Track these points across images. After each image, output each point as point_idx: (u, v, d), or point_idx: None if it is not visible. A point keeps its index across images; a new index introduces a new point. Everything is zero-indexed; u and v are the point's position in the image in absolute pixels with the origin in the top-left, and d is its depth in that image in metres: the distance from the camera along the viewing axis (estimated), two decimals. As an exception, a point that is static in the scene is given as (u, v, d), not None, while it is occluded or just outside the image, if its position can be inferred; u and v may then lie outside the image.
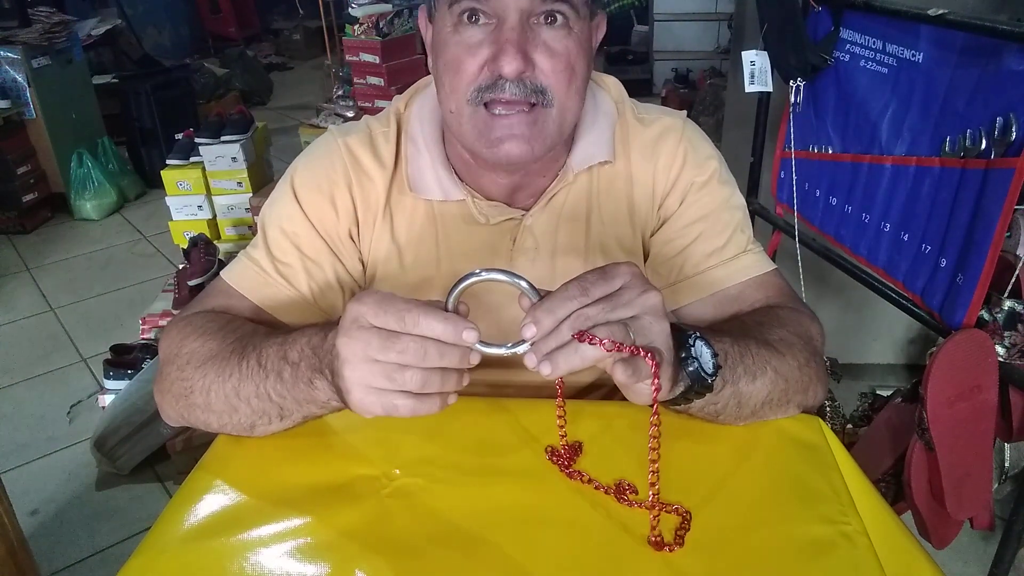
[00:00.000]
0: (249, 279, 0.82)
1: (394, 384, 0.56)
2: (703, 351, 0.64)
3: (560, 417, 0.68)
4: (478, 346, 0.57)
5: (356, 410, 0.60)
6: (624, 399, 0.63)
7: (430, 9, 0.76)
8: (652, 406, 0.58)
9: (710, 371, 0.63)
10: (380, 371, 0.56)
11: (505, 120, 0.72)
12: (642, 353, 0.56)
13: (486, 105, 0.72)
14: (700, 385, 0.64)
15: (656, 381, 0.57)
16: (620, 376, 0.57)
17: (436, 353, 0.56)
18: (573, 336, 0.55)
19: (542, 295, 0.57)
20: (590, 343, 0.54)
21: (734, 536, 0.61)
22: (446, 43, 0.72)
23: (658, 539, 0.60)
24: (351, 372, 0.58)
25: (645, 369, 0.56)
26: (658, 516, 0.60)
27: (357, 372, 0.57)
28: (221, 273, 0.85)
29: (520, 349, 0.57)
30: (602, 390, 0.90)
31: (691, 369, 0.63)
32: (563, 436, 0.69)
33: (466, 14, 0.70)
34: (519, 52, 0.69)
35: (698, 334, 0.64)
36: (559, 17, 0.70)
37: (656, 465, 0.59)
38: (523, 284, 0.57)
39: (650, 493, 0.60)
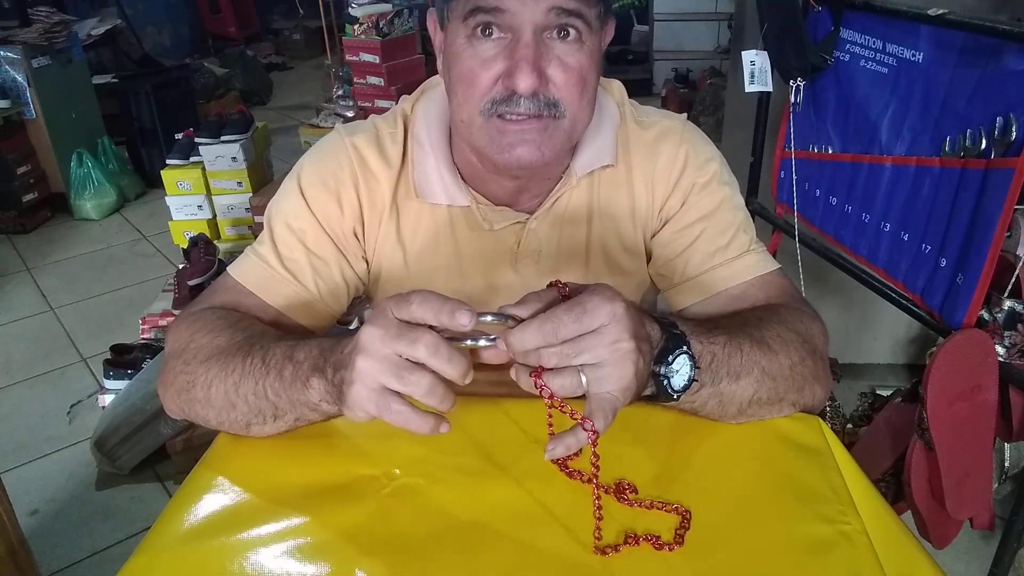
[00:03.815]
0: (256, 275, 0.82)
1: (401, 382, 0.56)
2: (682, 367, 0.64)
3: (548, 418, 0.68)
4: (468, 341, 0.57)
5: (349, 405, 0.60)
6: None
7: (442, 18, 0.75)
8: (592, 477, 0.59)
9: (678, 389, 0.64)
10: (391, 367, 0.56)
11: (516, 126, 0.72)
12: (579, 420, 0.56)
13: (499, 115, 0.72)
14: (664, 397, 0.65)
15: (594, 446, 0.57)
16: (552, 456, 0.57)
17: (446, 351, 0.55)
18: (531, 374, 0.56)
19: (516, 318, 0.57)
20: (540, 392, 0.56)
21: (734, 536, 0.61)
22: (460, 55, 0.72)
23: (601, 549, 0.59)
24: (363, 361, 0.57)
25: (582, 435, 0.56)
26: (600, 524, 0.60)
27: (369, 362, 0.57)
28: (228, 269, 0.85)
29: (500, 345, 0.57)
30: None
31: (661, 383, 0.64)
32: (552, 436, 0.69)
33: (480, 27, 0.70)
34: (534, 69, 0.69)
35: (686, 347, 0.64)
36: (572, 32, 0.70)
37: (600, 502, 0.60)
38: (489, 319, 0.57)
39: (595, 533, 0.60)
